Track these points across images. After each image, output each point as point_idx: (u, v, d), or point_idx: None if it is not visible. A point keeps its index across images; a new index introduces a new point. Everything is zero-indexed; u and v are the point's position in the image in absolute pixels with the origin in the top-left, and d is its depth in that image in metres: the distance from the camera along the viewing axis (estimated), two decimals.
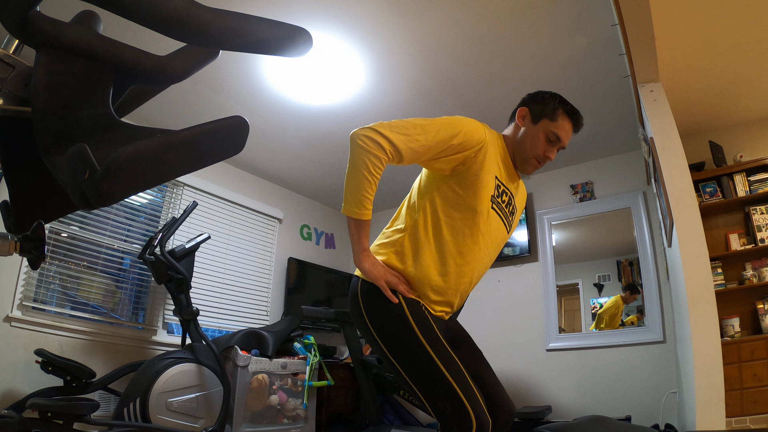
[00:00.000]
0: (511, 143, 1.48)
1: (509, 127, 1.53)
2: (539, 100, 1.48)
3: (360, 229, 1.27)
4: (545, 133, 1.43)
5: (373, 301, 1.29)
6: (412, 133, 1.27)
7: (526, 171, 1.48)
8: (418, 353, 1.22)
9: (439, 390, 1.18)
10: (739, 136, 3.60)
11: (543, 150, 1.43)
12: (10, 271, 2.87)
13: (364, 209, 1.25)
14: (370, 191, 1.24)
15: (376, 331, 1.29)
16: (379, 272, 1.29)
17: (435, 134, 1.29)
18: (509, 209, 1.45)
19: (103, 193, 0.62)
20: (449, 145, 1.30)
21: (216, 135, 0.75)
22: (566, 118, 1.44)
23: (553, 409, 3.63)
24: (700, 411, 2.07)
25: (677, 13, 2.56)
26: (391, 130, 1.25)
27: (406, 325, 1.25)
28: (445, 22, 2.64)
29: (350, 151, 1.25)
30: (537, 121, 1.44)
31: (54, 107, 0.73)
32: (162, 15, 0.65)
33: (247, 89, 3.28)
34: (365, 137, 1.23)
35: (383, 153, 1.23)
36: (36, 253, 0.91)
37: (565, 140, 1.44)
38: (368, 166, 1.22)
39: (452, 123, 1.33)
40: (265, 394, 3.32)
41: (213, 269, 4.03)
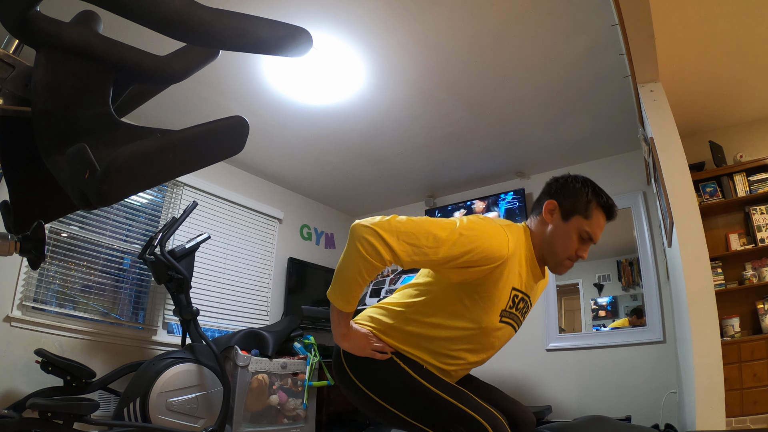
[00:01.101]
0: (539, 242, 1.31)
1: (534, 220, 1.35)
2: (570, 192, 1.31)
3: (342, 317, 1.23)
4: (578, 232, 1.27)
5: (361, 364, 1.26)
6: (421, 246, 1.12)
7: (559, 272, 1.32)
8: (417, 393, 1.20)
9: (448, 417, 1.15)
10: (739, 136, 3.60)
11: (576, 250, 1.28)
12: (10, 271, 2.86)
13: (349, 305, 1.20)
14: (359, 291, 1.17)
15: (369, 390, 1.25)
16: (360, 345, 1.25)
17: (448, 250, 1.13)
18: (523, 311, 1.34)
19: (103, 193, 0.62)
20: (463, 261, 1.14)
21: (216, 135, 0.75)
22: (601, 213, 1.29)
23: (553, 409, 3.63)
24: (700, 411, 2.07)
25: (677, 13, 2.55)
26: (398, 237, 1.11)
27: (400, 371, 1.23)
28: (445, 22, 2.64)
29: (348, 245, 1.15)
30: (568, 218, 1.28)
31: (54, 107, 0.73)
32: (162, 15, 0.65)
33: (247, 89, 3.28)
34: (366, 242, 1.10)
35: (381, 263, 1.12)
36: (36, 253, 0.91)
37: (599, 236, 1.29)
38: (362, 272, 1.13)
39: (471, 238, 1.14)
40: (265, 394, 3.32)
41: (213, 269, 4.03)
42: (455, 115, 3.54)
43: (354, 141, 3.96)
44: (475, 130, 3.75)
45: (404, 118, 3.59)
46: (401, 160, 4.27)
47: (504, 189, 4.57)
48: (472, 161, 4.29)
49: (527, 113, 3.47)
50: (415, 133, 3.81)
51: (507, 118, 3.55)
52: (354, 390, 1.28)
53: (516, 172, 4.46)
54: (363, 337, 1.27)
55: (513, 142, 3.91)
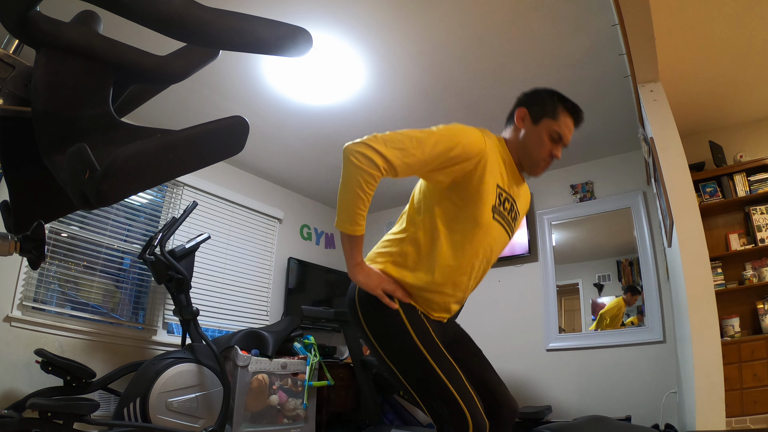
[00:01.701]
0: (514, 147, 1.43)
1: (508, 130, 1.48)
2: (538, 99, 1.44)
3: (353, 244, 1.26)
4: (548, 133, 1.39)
5: (371, 308, 1.30)
6: (407, 148, 1.22)
7: (535, 173, 1.44)
8: (414, 357, 1.23)
9: (436, 392, 1.18)
10: (739, 136, 3.60)
11: (549, 150, 1.40)
12: (10, 271, 2.86)
13: (357, 225, 1.23)
14: (363, 208, 1.22)
15: (373, 337, 1.30)
16: (374, 282, 1.28)
17: (432, 148, 1.24)
18: (511, 215, 1.42)
19: (103, 193, 0.62)
20: (447, 158, 1.25)
21: (216, 135, 0.75)
22: (567, 115, 1.41)
23: (553, 409, 3.63)
24: (700, 411, 2.07)
25: (677, 13, 2.55)
26: (385, 144, 1.20)
27: (403, 330, 1.26)
28: (445, 22, 2.64)
29: (343, 167, 1.21)
30: (538, 121, 1.40)
31: (54, 107, 0.73)
32: (162, 15, 0.65)
33: (247, 89, 3.28)
34: (358, 153, 1.18)
35: (377, 170, 1.19)
36: (36, 253, 0.91)
37: (568, 137, 1.42)
38: (361, 184, 1.18)
39: (449, 135, 1.27)
40: (265, 394, 3.32)
41: (213, 269, 4.03)
42: (455, 115, 3.54)
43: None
44: None
45: (404, 118, 3.59)
46: None
47: None
48: None
49: None
50: None
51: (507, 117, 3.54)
52: (361, 331, 1.33)
53: None
54: (376, 274, 1.30)
55: None
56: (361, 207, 1.21)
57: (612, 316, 3.84)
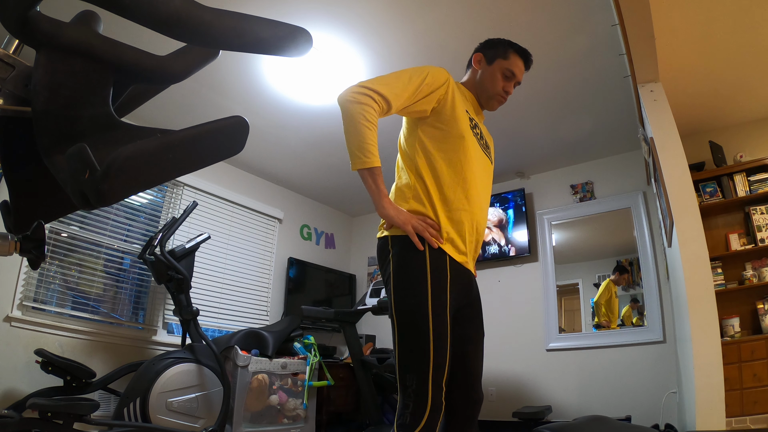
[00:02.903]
0: (472, 85, 1.62)
1: (467, 73, 1.66)
2: (491, 44, 1.62)
3: (375, 177, 1.32)
4: (501, 71, 1.57)
5: (402, 251, 1.32)
6: (391, 82, 1.37)
7: (492, 107, 1.62)
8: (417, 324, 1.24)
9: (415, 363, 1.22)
10: (739, 136, 3.60)
11: (502, 86, 1.58)
12: (10, 271, 2.87)
13: (372, 155, 1.31)
14: (372, 138, 1.31)
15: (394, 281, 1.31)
16: (405, 217, 1.32)
17: (409, 79, 1.39)
18: (483, 143, 1.57)
19: (103, 193, 0.62)
20: (423, 86, 1.41)
21: (216, 135, 0.75)
22: (517, 56, 1.59)
23: (553, 409, 3.63)
24: (700, 411, 2.07)
25: (677, 13, 2.55)
26: (373, 82, 1.35)
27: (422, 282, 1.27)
28: (445, 22, 2.64)
29: (342, 111, 1.32)
30: (492, 62, 1.59)
31: (54, 107, 0.73)
32: (162, 15, 0.65)
33: (247, 89, 3.28)
34: (353, 93, 1.32)
35: (374, 102, 1.32)
36: (36, 253, 0.91)
37: (519, 75, 1.60)
38: (364, 115, 1.30)
39: (419, 68, 1.46)
40: (265, 394, 3.32)
41: (213, 269, 4.03)
42: None
43: None
44: None
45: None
46: None
47: (504, 189, 4.57)
48: None
49: (527, 113, 3.47)
50: None
51: (507, 118, 3.54)
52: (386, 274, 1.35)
53: (516, 172, 4.46)
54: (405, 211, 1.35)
55: (513, 142, 3.91)
56: (370, 137, 1.31)
57: (606, 300, 3.85)
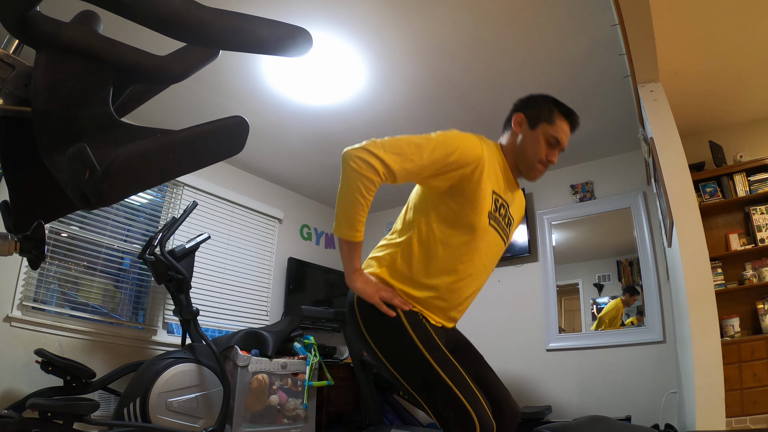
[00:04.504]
0: (511, 152, 1.45)
1: (505, 135, 1.50)
2: (534, 104, 1.46)
3: (352, 250, 1.25)
4: (545, 137, 1.40)
5: (371, 315, 1.28)
6: (406, 153, 1.23)
7: (532, 177, 1.45)
8: (418, 362, 1.21)
9: (441, 396, 1.17)
10: (739, 136, 3.60)
11: (545, 154, 1.41)
12: (10, 271, 2.86)
13: (357, 231, 1.22)
14: (362, 214, 1.21)
15: (375, 344, 1.28)
16: (371, 290, 1.27)
17: (430, 153, 1.24)
18: (506, 221, 1.42)
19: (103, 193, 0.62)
20: (445, 164, 1.26)
21: (216, 135, 0.75)
22: (563, 120, 1.42)
23: (553, 409, 3.63)
24: (700, 411, 2.07)
25: (677, 13, 2.55)
26: (384, 150, 1.21)
27: (405, 336, 1.24)
28: (445, 22, 2.64)
29: (342, 172, 1.21)
30: (535, 125, 1.42)
31: (54, 107, 0.73)
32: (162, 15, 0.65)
33: (247, 89, 3.28)
34: (358, 158, 1.19)
35: (376, 175, 1.19)
36: (36, 253, 0.91)
37: (565, 142, 1.43)
38: (361, 189, 1.18)
39: (447, 141, 1.28)
40: (265, 394, 3.32)
41: (213, 269, 4.03)
42: (455, 115, 3.54)
43: (354, 141, 3.93)
44: (474, 130, 3.71)
45: (404, 118, 3.59)
46: None
47: None
48: None
49: None
50: (414, 133, 3.80)
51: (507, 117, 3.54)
52: (362, 339, 1.32)
53: None
54: (374, 283, 1.29)
55: None
56: (361, 213, 1.21)
57: (611, 318, 3.84)
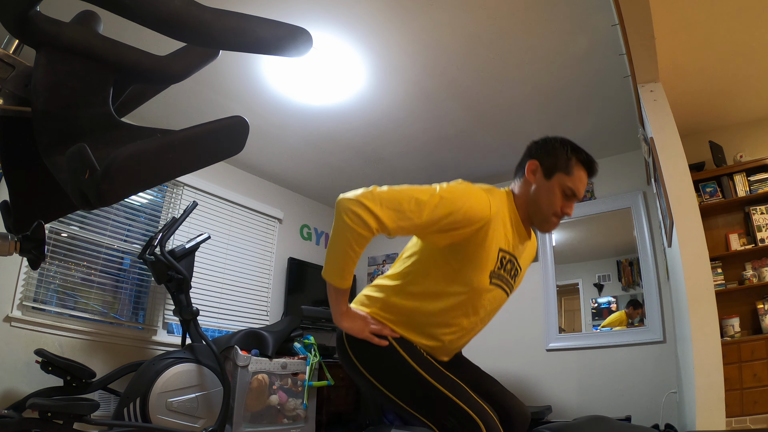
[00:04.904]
0: (524, 203, 1.34)
1: (518, 183, 1.37)
2: (550, 151, 1.33)
3: (339, 294, 1.24)
4: (561, 188, 1.30)
5: (362, 347, 1.27)
6: (404, 210, 1.14)
7: (546, 230, 1.35)
8: (414, 381, 1.21)
9: (442, 409, 1.16)
10: (739, 136, 3.60)
11: (561, 206, 1.31)
12: (10, 271, 2.86)
13: (345, 280, 1.20)
14: (352, 265, 1.19)
15: (369, 373, 1.27)
16: (359, 326, 1.26)
17: (430, 212, 1.15)
18: (512, 274, 1.35)
19: (103, 193, 0.62)
20: (446, 223, 1.17)
21: (216, 135, 0.75)
22: (581, 168, 1.32)
23: (553, 409, 3.63)
24: (700, 411, 2.07)
25: (677, 13, 2.55)
26: (381, 205, 1.13)
27: (399, 359, 1.24)
28: (445, 22, 2.64)
29: (335, 221, 1.17)
30: (550, 175, 1.31)
31: (54, 107, 0.73)
32: (162, 15, 0.65)
33: (247, 89, 3.28)
34: (352, 213, 1.12)
35: (368, 232, 1.13)
36: (36, 253, 0.91)
37: (582, 192, 1.33)
38: (352, 244, 1.14)
39: (451, 199, 1.18)
40: (265, 394, 3.32)
41: (213, 269, 4.03)
42: (455, 115, 3.54)
43: (354, 141, 3.96)
44: (474, 130, 3.75)
45: (404, 118, 3.59)
46: (401, 160, 4.27)
47: None
48: (472, 161, 4.29)
49: (527, 113, 3.47)
50: (414, 133, 3.81)
51: (507, 118, 3.55)
52: (356, 372, 1.30)
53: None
54: (361, 318, 1.28)
55: (513, 142, 3.90)
56: (350, 264, 1.18)
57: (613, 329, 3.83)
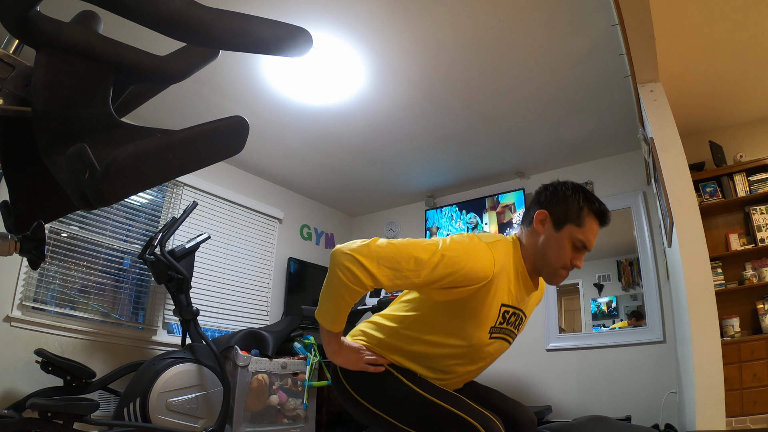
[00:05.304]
0: (531, 254, 1.27)
1: (525, 232, 1.31)
2: (560, 200, 1.26)
3: (332, 336, 1.23)
4: (571, 240, 1.23)
5: (359, 379, 1.27)
6: (402, 269, 1.10)
7: (553, 282, 1.28)
8: (413, 401, 1.21)
9: (444, 423, 1.16)
10: (739, 136, 3.60)
11: (570, 258, 1.24)
12: (10, 271, 2.86)
13: (338, 326, 1.20)
14: (344, 313, 1.18)
15: (368, 402, 1.26)
16: (353, 359, 1.26)
17: (429, 272, 1.11)
18: (515, 324, 1.31)
19: (103, 193, 0.62)
20: (445, 282, 1.13)
21: (216, 135, 0.75)
22: (594, 219, 1.24)
23: (553, 409, 3.63)
24: (700, 411, 2.07)
25: (677, 13, 2.55)
26: (378, 263, 1.09)
27: (396, 381, 1.24)
28: (445, 22, 2.64)
29: (329, 272, 1.14)
30: (560, 226, 1.24)
31: (54, 107, 0.73)
32: (162, 15, 0.65)
33: (247, 89, 3.28)
34: (347, 269, 1.08)
35: (362, 288, 1.11)
36: (36, 253, 0.91)
37: (593, 243, 1.25)
38: (345, 298, 1.13)
39: (453, 259, 1.12)
40: (265, 394, 3.32)
41: (213, 269, 4.03)
42: (455, 115, 3.54)
43: (354, 141, 3.96)
44: (475, 130, 3.75)
45: (404, 118, 3.59)
46: (401, 160, 4.27)
47: (504, 189, 4.57)
48: (472, 161, 4.29)
49: (527, 113, 3.47)
50: (415, 133, 3.81)
51: (507, 118, 3.55)
52: (353, 403, 1.29)
53: (516, 172, 4.46)
54: (355, 351, 1.28)
55: (513, 142, 3.91)
56: (343, 313, 1.18)
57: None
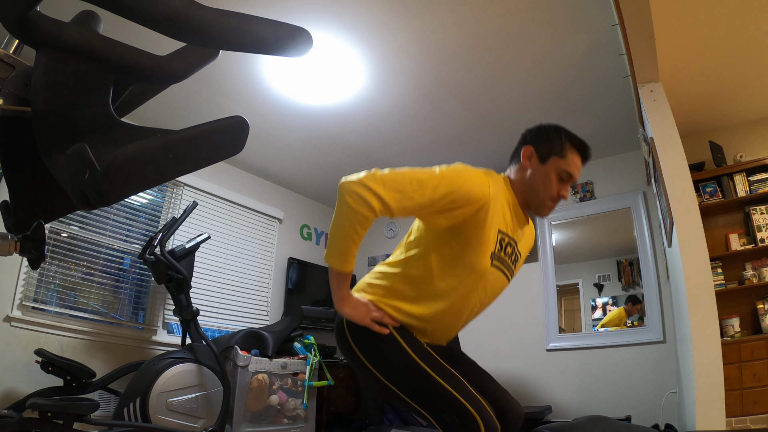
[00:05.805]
0: (520, 187, 1.38)
1: (513, 168, 1.43)
2: (544, 137, 1.39)
3: (341, 279, 1.24)
4: (557, 172, 1.34)
5: (362, 334, 1.27)
6: (406, 190, 1.17)
7: (542, 214, 1.39)
8: (414, 372, 1.21)
9: (442, 403, 1.17)
10: (739, 136, 3.60)
11: (557, 190, 1.34)
12: (10, 271, 2.86)
13: (348, 264, 1.21)
14: (354, 248, 1.20)
15: (369, 362, 1.27)
16: (361, 313, 1.26)
17: (432, 192, 1.19)
18: (512, 258, 1.37)
19: (103, 193, 0.62)
20: (447, 202, 1.20)
21: (216, 135, 0.75)
22: (575, 153, 1.36)
23: (553, 409, 3.63)
24: (700, 411, 2.07)
25: (677, 13, 2.55)
26: (384, 186, 1.15)
27: (400, 350, 1.24)
28: (445, 22, 2.64)
29: (338, 204, 1.18)
30: (545, 160, 1.35)
31: (54, 107, 0.73)
32: (162, 15, 0.65)
33: (247, 89, 3.28)
34: (355, 194, 1.14)
35: (372, 213, 1.15)
36: (36, 253, 0.91)
37: (577, 175, 1.37)
38: (355, 225, 1.16)
39: (452, 178, 1.22)
40: (265, 394, 3.32)
41: (213, 269, 4.03)
42: (455, 115, 3.54)
43: (354, 141, 3.96)
44: (475, 130, 3.75)
45: (404, 118, 3.59)
46: (401, 160, 4.27)
47: None
48: (473, 161, 4.27)
49: (527, 113, 3.47)
50: (415, 133, 3.81)
51: (507, 118, 3.54)
52: (354, 359, 1.30)
53: None
54: (363, 305, 1.28)
55: (513, 142, 3.89)
56: (353, 247, 1.19)
57: (614, 326, 3.83)
